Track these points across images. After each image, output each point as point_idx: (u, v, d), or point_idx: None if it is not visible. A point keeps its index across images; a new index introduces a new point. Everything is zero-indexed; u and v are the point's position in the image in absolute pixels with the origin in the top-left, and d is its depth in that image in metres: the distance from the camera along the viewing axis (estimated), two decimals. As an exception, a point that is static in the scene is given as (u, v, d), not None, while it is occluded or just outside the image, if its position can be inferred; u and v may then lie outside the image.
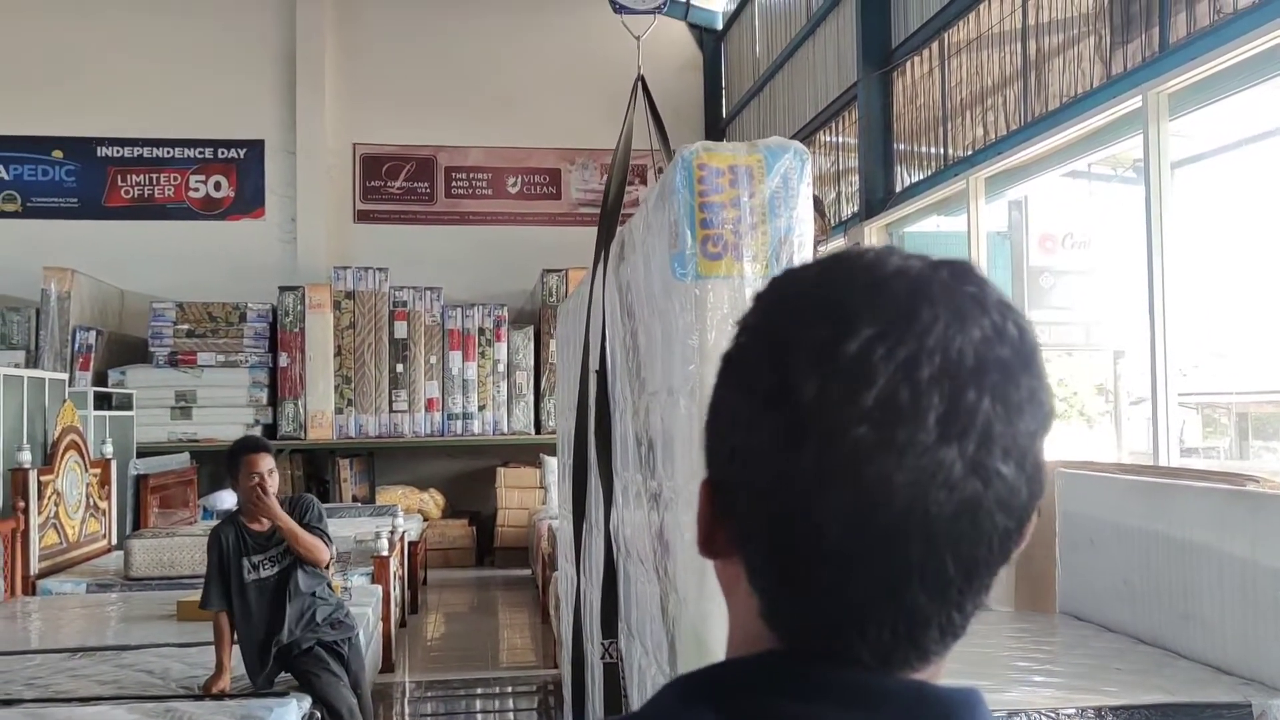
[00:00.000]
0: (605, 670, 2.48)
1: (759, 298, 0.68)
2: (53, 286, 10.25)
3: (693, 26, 12.76)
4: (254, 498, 3.81)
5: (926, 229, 8.13)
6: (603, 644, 2.49)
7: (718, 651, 1.94)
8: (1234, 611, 3.60)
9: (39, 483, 6.30)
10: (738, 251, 1.98)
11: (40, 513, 6.32)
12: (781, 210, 2.00)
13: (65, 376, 7.75)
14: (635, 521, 2.49)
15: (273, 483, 3.92)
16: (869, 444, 0.59)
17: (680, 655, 2.08)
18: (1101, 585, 4.40)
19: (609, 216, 2.77)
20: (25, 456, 6.17)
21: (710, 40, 12.77)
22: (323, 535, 3.95)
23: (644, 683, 2.26)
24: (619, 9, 3.17)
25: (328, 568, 4.14)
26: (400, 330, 10.77)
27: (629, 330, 2.51)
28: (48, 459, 6.63)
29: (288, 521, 3.82)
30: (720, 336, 1.97)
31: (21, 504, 6.05)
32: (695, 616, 2.00)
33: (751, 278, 1.97)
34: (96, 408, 8.44)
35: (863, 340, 0.59)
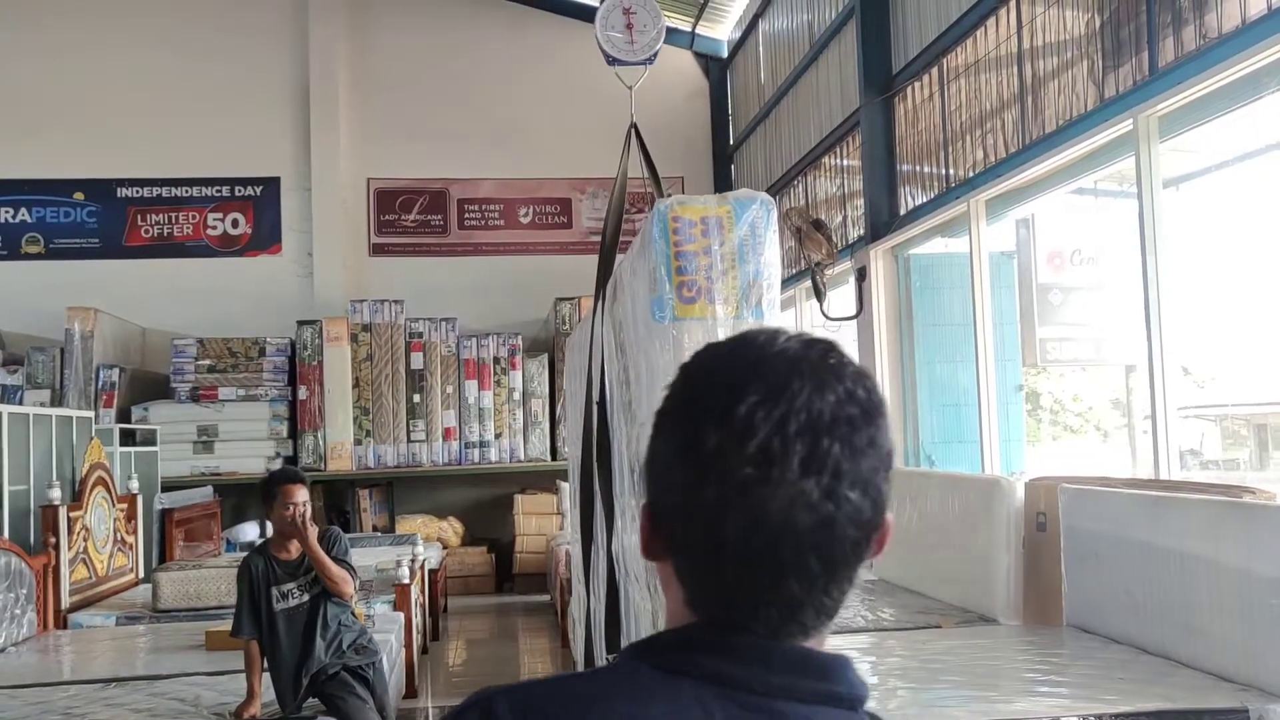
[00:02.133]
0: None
1: (683, 368, 0.90)
2: (76, 326, 10.47)
3: (698, 55, 12.96)
4: (296, 523, 3.96)
5: (934, 250, 8.25)
6: (607, 659, 2.61)
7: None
8: (1232, 620, 3.69)
9: (68, 519, 6.46)
10: (710, 295, 2.19)
11: (70, 548, 6.48)
12: (750, 256, 2.19)
13: (91, 414, 7.93)
14: (631, 542, 2.64)
15: (306, 513, 4.07)
16: (752, 480, 0.82)
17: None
18: (1106, 598, 4.50)
19: (606, 257, 2.92)
20: (55, 493, 6.34)
21: (716, 68, 12.97)
22: (350, 568, 4.09)
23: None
24: (612, 61, 3.35)
25: (351, 597, 4.28)
26: (417, 361, 10.94)
27: (622, 365, 2.68)
28: (76, 495, 6.80)
29: (319, 552, 3.96)
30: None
31: (53, 540, 6.22)
32: None
33: (723, 318, 2.16)
34: (121, 444, 8.62)
35: (748, 405, 0.83)
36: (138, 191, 12.05)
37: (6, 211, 11.93)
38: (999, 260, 8.07)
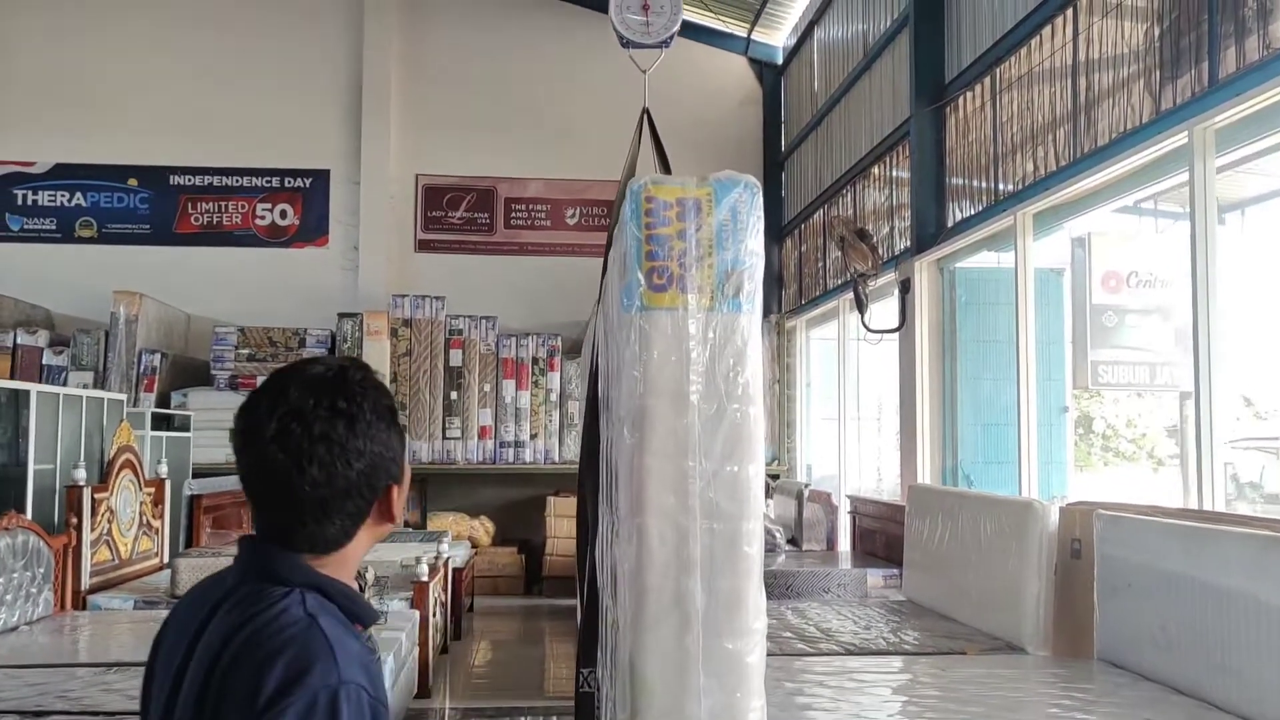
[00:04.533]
0: (579, 701, 2.46)
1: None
2: (121, 310, 10.56)
3: (753, 61, 12.82)
4: None
5: (983, 264, 8.04)
6: (580, 673, 2.48)
7: (651, 679, 1.91)
8: (1272, 663, 3.47)
9: (93, 500, 6.46)
10: (683, 284, 2.05)
11: (93, 529, 6.48)
12: (729, 243, 2.03)
13: (124, 397, 7.95)
14: (603, 551, 2.50)
15: None
16: (246, 443, 1.38)
17: (618, 683, 2.08)
18: (1139, 632, 4.28)
19: (611, 248, 2.80)
20: (80, 474, 6.34)
21: (770, 75, 12.81)
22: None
23: (611, 713, 2.24)
24: (626, 44, 3.19)
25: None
26: (455, 358, 10.90)
27: (607, 359, 2.54)
28: (103, 477, 6.80)
29: None
30: (664, 368, 2.00)
31: (74, 520, 6.22)
32: (632, 645, 2.01)
33: (695, 309, 2.00)
34: (156, 428, 8.65)
35: (260, 398, 1.40)
36: (189, 179, 12.15)
37: (63, 195, 12.09)
38: (1047, 277, 7.82)
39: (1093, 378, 9.40)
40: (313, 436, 1.33)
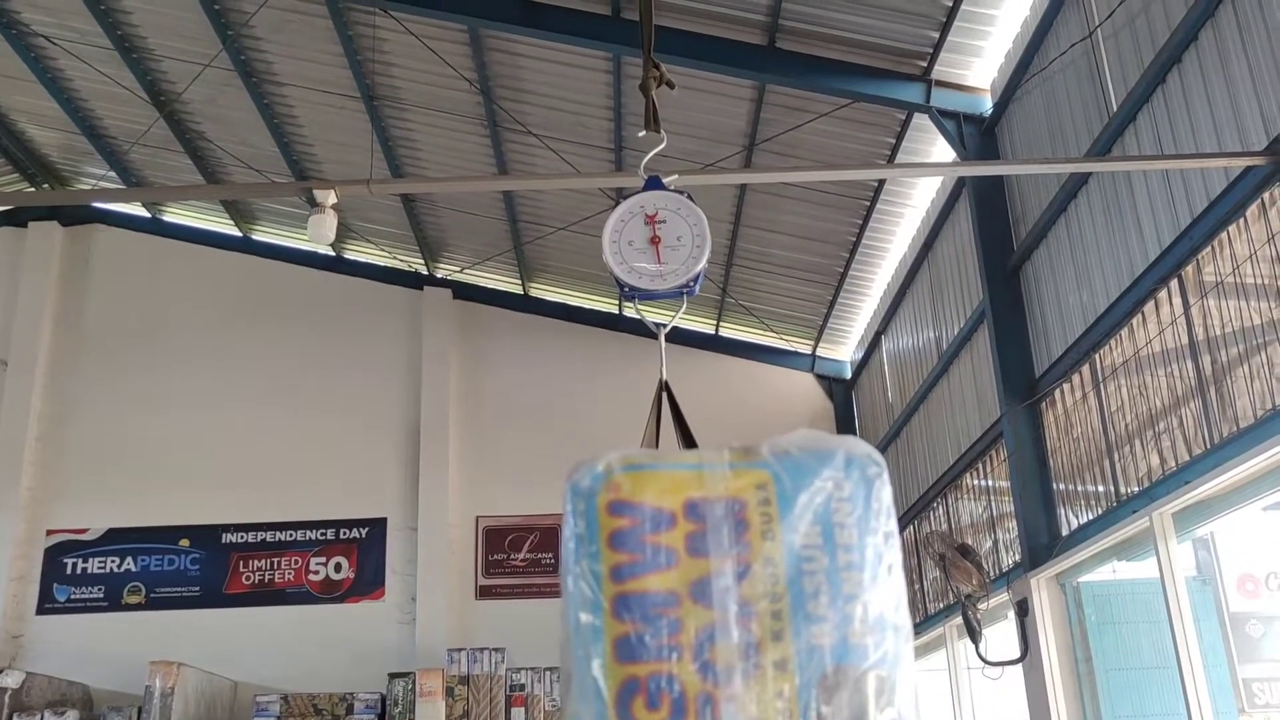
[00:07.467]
0: None
1: None
2: (157, 682, 9.72)
3: (820, 377, 12.37)
4: None
5: (1104, 577, 7.02)
6: None
7: None
8: None
9: None
10: (712, 715, 0.79)
11: None
12: (823, 600, 0.80)
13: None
14: None
15: None
16: None
17: None
18: None
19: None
20: None
21: (840, 390, 12.30)
22: None
23: None
24: (630, 295, 2.30)
25: None
26: (518, 717, 9.76)
27: None
28: None
29: None
30: None
31: None
32: None
33: None
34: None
35: None
36: (242, 537, 11.66)
37: (113, 561, 11.65)
38: (1192, 586, 6.75)
39: (1247, 699, 8.11)
40: None
